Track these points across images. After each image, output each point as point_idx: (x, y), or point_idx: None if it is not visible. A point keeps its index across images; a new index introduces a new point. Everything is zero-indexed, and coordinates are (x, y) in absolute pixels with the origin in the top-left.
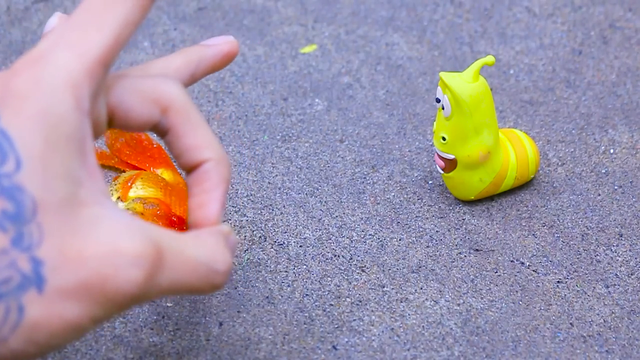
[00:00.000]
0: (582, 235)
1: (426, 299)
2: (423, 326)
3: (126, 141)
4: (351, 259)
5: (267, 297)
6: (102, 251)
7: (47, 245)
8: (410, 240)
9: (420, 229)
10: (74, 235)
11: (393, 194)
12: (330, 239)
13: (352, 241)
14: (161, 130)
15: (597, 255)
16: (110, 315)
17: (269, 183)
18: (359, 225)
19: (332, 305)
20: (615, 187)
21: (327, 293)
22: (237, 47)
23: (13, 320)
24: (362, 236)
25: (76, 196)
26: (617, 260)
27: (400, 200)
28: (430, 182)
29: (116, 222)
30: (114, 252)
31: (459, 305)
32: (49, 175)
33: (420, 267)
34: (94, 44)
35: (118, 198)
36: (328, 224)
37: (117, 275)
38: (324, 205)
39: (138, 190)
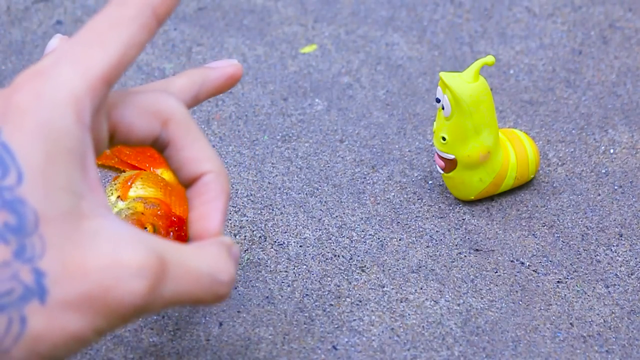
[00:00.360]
0: (582, 235)
1: (426, 299)
2: (423, 326)
3: None
4: (351, 259)
5: (267, 297)
6: (104, 263)
7: (50, 257)
8: (410, 240)
9: (420, 229)
10: (77, 247)
11: (393, 194)
12: (330, 239)
13: (352, 241)
14: (161, 144)
15: (597, 255)
16: (113, 327)
17: (269, 183)
18: (359, 225)
19: (332, 305)
20: (615, 187)
21: (327, 293)
22: (241, 71)
23: (15, 331)
24: (362, 236)
25: (78, 209)
26: (617, 260)
27: (400, 200)
28: (430, 182)
29: (118, 234)
30: (117, 264)
31: (459, 305)
32: (50, 188)
33: (420, 267)
34: (98, 61)
35: (118, 197)
36: (328, 224)
37: (119, 286)
38: (324, 205)
39: (138, 189)
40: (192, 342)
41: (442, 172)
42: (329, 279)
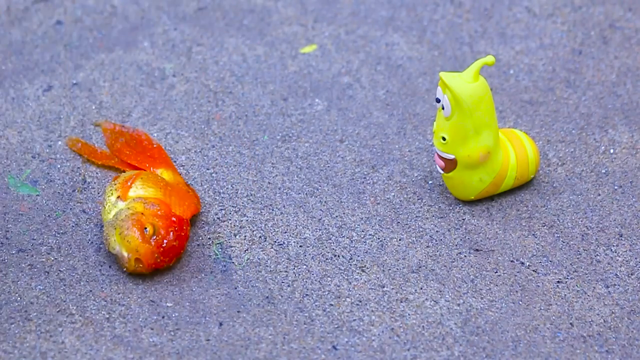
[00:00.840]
0: (582, 235)
1: (426, 299)
2: (423, 326)
3: (126, 141)
4: (351, 259)
5: (267, 297)
6: None
7: None
8: (410, 240)
9: (420, 229)
10: None
11: (393, 194)
12: (330, 239)
13: (352, 241)
14: None
15: (597, 255)
16: None
17: (269, 183)
18: (359, 225)
19: (332, 305)
20: (615, 187)
21: (327, 293)
22: None
23: None
24: (362, 236)
25: None
26: (617, 260)
27: (400, 200)
28: (430, 182)
29: None
30: None
31: (459, 305)
32: None
33: (420, 267)
34: None
35: (118, 197)
36: (328, 224)
37: None
38: (324, 205)
39: (138, 190)
40: (192, 342)
41: (442, 172)
42: (329, 279)
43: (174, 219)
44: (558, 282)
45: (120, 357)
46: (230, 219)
